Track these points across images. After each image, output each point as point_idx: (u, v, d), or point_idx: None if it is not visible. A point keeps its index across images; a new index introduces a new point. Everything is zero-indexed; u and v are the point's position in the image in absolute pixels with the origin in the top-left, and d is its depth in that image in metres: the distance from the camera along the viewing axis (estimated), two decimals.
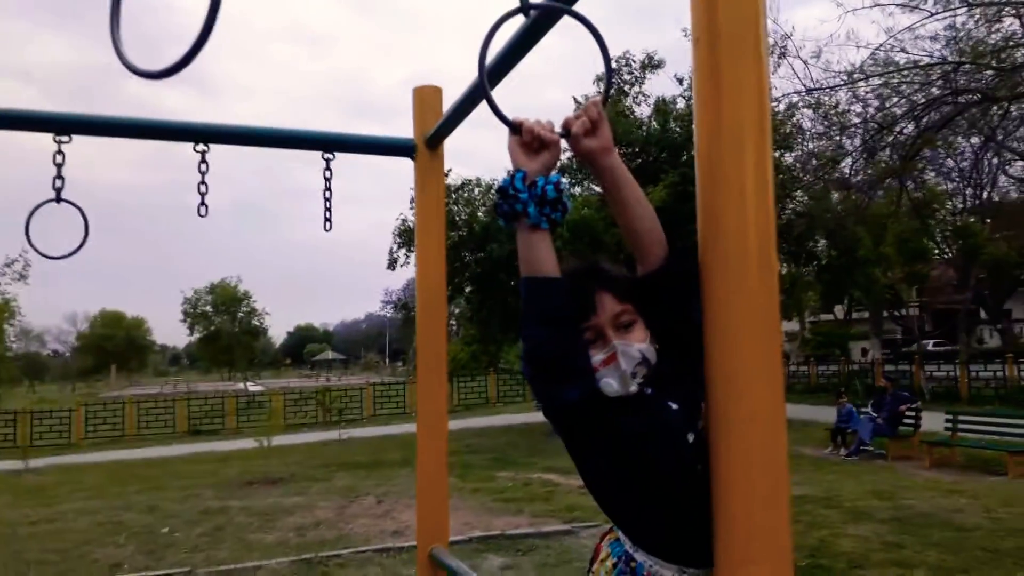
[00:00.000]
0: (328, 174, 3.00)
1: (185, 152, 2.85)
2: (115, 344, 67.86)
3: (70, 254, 2.75)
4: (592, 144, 1.53)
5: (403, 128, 3.07)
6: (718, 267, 1.38)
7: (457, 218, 17.71)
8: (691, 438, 1.49)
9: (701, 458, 1.42)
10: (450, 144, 3.04)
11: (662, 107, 18.17)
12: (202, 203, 2.88)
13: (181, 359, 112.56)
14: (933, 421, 13.22)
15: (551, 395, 1.52)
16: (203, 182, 2.86)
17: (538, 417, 20.95)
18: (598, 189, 17.58)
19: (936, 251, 29.00)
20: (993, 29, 10.35)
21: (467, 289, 19.19)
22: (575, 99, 17.83)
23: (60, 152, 2.76)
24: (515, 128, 1.56)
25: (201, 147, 2.83)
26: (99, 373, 68.06)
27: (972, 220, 26.36)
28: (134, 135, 2.86)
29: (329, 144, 2.95)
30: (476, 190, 18.35)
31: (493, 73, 2.11)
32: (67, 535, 8.88)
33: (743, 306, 1.35)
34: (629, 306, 1.58)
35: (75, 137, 2.79)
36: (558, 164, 1.66)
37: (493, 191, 1.93)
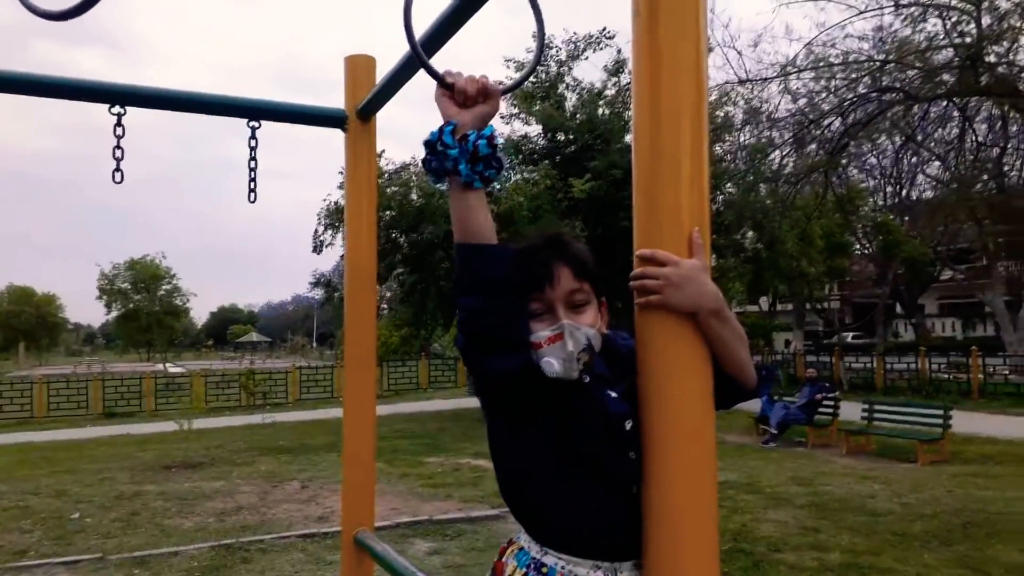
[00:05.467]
0: (253, 143, 2.88)
1: (102, 120, 2.68)
2: (24, 321, 64.87)
3: None
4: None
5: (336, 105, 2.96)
6: (651, 246, 1.35)
7: (391, 200, 17.44)
8: (628, 425, 1.43)
9: (635, 445, 1.38)
10: (383, 122, 2.95)
11: (591, 95, 18.25)
12: (117, 168, 2.72)
13: (96, 338, 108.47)
14: (851, 410, 13.71)
15: (485, 366, 1.44)
16: (119, 146, 2.70)
17: (469, 403, 20.83)
18: (531, 176, 17.55)
19: (857, 246, 30.02)
20: (918, 29, 10.72)
21: (398, 271, 18.96)
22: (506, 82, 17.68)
23: None
24: (446, 85, 1.44)
25: (117, 110, 2.67)
26: (6, 352, 65.05)
27: (892, 217, 27.34)
28: (46, 94, 2.67)
29: (255, 112, 2.82)
30: (412, 171, 18.09)
31: (431, 40, 2.03)
32: None
33: None
34: (586, 284, 1.50)
35: None
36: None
37: (422, 143, 1.84)
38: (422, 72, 1.59)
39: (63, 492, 9.88)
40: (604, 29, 18.09)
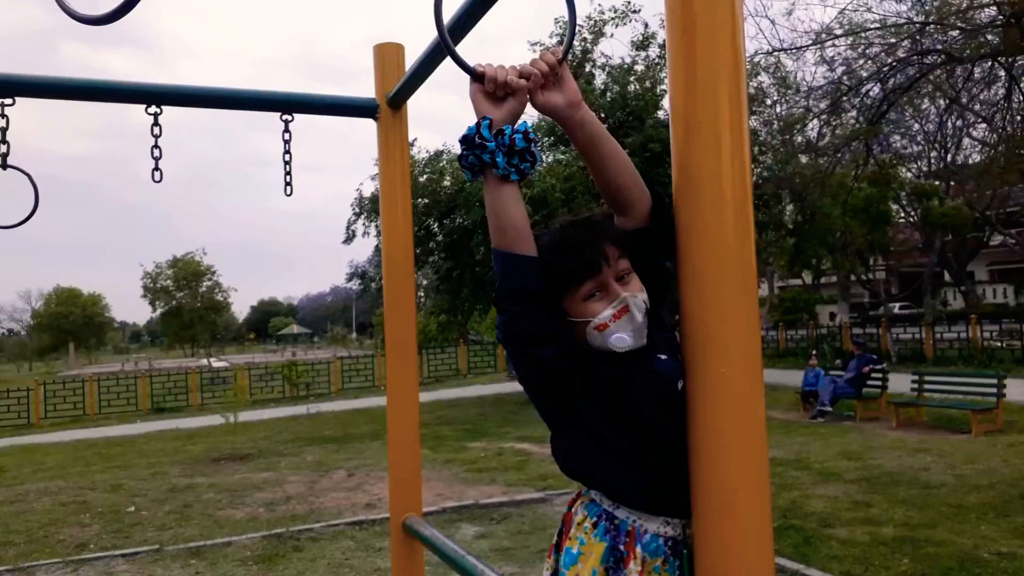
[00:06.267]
0: (287, 136, 2.89)
1: (138, 121, 2.72)
2: (72, 322, 66.47)
3: (20, 223, 2.61)
4: (556, 99, 1.46)
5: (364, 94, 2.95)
6: (694, 221, 1.32)
7: (424, 188, 17.45)
8: (680, 385, 1.42)
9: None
10: (415, 109, 2.93)
11: (621, 71, 18.06)
12: (156, 168, 2.75)
13: (142, 336, 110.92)
14: (900, 382, 13.46)
15: (528, 355, 1.50)
16: (156, 146, 2.73)
17: (509, 388, 20.90)
18: (562, 158, 17.42)
19: (901, 215, 29.35)
20: None
21: (432, 259, 19.01)
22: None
23: (3, 115, 2.61)
24: (477, 76, 1.47)
25: (153, 109, 2.69)
26: (57, 352, 66.73)
27: (937, 184, 26.61)
28: (84, 97, 2.70)
29: (288, 105, 2.83)
30: (444, 159, 18.08)
31: (457, 26, 2.01)
32: (30, 516, 8.70)
33: (720, 261, 1.30)
34: (626, 257, 1.54)
35: (20, 103, 2.63)
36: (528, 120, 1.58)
37: (458, 140, 1.88)
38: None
39: (118, 486, 10.14)
40: (629, 3, 17.93)
